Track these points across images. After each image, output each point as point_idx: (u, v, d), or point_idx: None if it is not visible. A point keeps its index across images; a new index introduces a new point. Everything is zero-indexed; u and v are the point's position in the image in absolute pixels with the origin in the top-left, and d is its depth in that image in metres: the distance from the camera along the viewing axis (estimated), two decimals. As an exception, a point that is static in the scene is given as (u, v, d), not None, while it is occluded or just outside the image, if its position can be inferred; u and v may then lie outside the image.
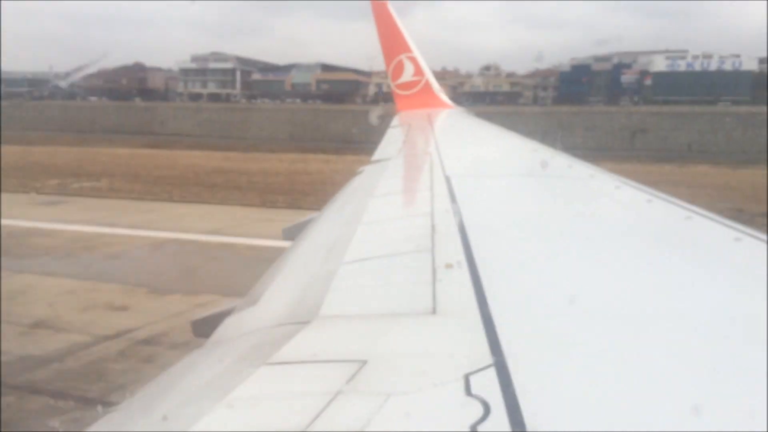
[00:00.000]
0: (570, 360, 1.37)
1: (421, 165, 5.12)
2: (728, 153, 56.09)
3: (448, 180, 3.74)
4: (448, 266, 2.06)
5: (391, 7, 13.55)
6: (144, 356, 9.66)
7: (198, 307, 10.76)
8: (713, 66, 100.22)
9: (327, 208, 4.02)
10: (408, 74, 13.49)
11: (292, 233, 3.90)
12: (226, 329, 2.16)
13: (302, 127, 79.37)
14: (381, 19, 13.49)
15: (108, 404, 1.78)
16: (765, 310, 1.71)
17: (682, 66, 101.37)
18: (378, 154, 6.44)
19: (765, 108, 64.78)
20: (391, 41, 13.58)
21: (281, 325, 1.86)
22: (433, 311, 1.70)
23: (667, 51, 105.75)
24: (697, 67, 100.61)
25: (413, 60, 13.48)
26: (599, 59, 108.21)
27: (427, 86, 13.56)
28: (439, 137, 7.50)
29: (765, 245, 2.37)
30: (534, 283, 1.94)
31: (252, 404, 1.30)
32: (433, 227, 2.61)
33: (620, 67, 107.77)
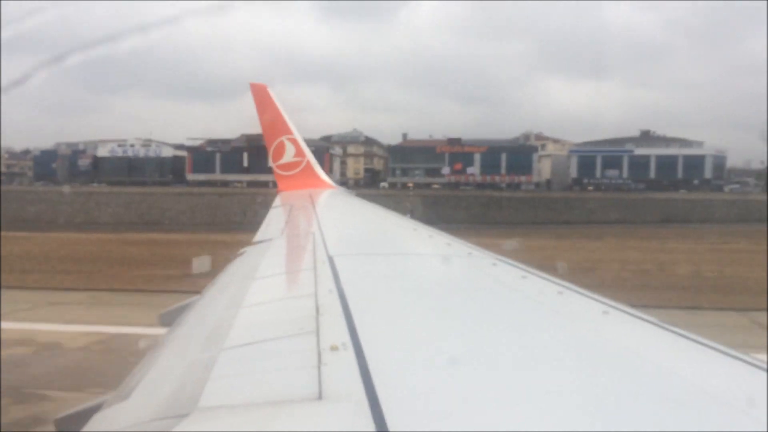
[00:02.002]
0: None
1: (304, 245, 5.10)
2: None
3: (331, 260, 3.74)
4: (334, 348, 2.03)
5: (271, 90, 13.76)
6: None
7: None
8: (145, 153, 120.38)
9: (207, 291, 3.88)
10: (289, 155, 13.61)
11: (170, 318, 3.71)
12: (94, 426, 1.98)
13: None
14: (261, 102, 13.64)
15: None
16: (627, 377, 1.82)
17: (120, 152, 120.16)
18: (260, 234, 6.35)
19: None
20: (272, 123, 13.72)
21: (156, 420, 1.73)
22: (319, 396, 1.65)
23: (111, 140, 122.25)
24: (131, 153, 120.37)
25: (294, 141, 13.66)
26: (71, 145, 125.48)
27: (309, 167, 13.73)
28: (322, 217, 7.55)
29: (629, 316, 2.54)
30: (420, 363, 1.95)
31: None
32: (317, 309, 2.58)
33: (78, 153, 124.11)
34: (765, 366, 1.89)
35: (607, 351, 2.21)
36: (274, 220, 7.84)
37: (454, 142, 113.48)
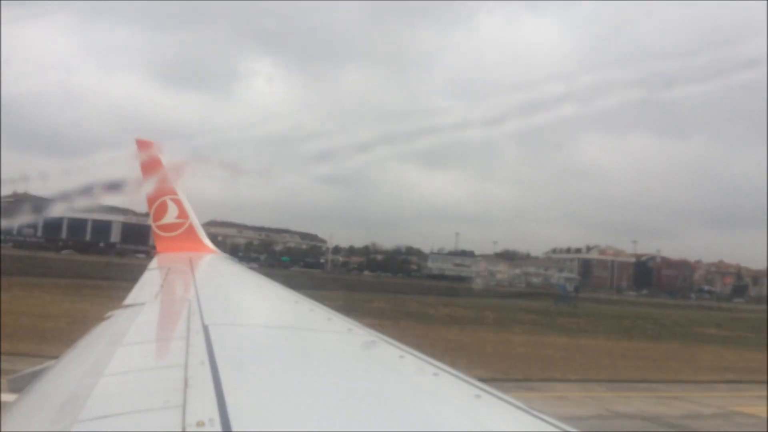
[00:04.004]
0: None
1: (178, 312, 4.89)
2: None
3: (206, 329, 3.60)
4: (200, 424, 1.94)
5: (158, 148, 13.42)
6: None
7: None
8: None
9: (65, 357, 3.60)
10: (171, 216, 13.20)
11: (20, 384, 3.40)
12: None
13: None
14: (146, 159, 13.24)
15: None
16: None
17: None
18: (131, 297, 6.03)
19: None
20: (156, 181, 13.30)
21: None
22: None
23: None
24: None
25: (178, 202, 13.29)
26: None
27: (191, 229, 13.34)
28: (200, 283, 7.30)
29: (500, 401, 2.62)
30: None
31: None
32: (186, 381, 2.47)
33: None
34: None
35: None
36: (148, 283, 7.48)
37: None
